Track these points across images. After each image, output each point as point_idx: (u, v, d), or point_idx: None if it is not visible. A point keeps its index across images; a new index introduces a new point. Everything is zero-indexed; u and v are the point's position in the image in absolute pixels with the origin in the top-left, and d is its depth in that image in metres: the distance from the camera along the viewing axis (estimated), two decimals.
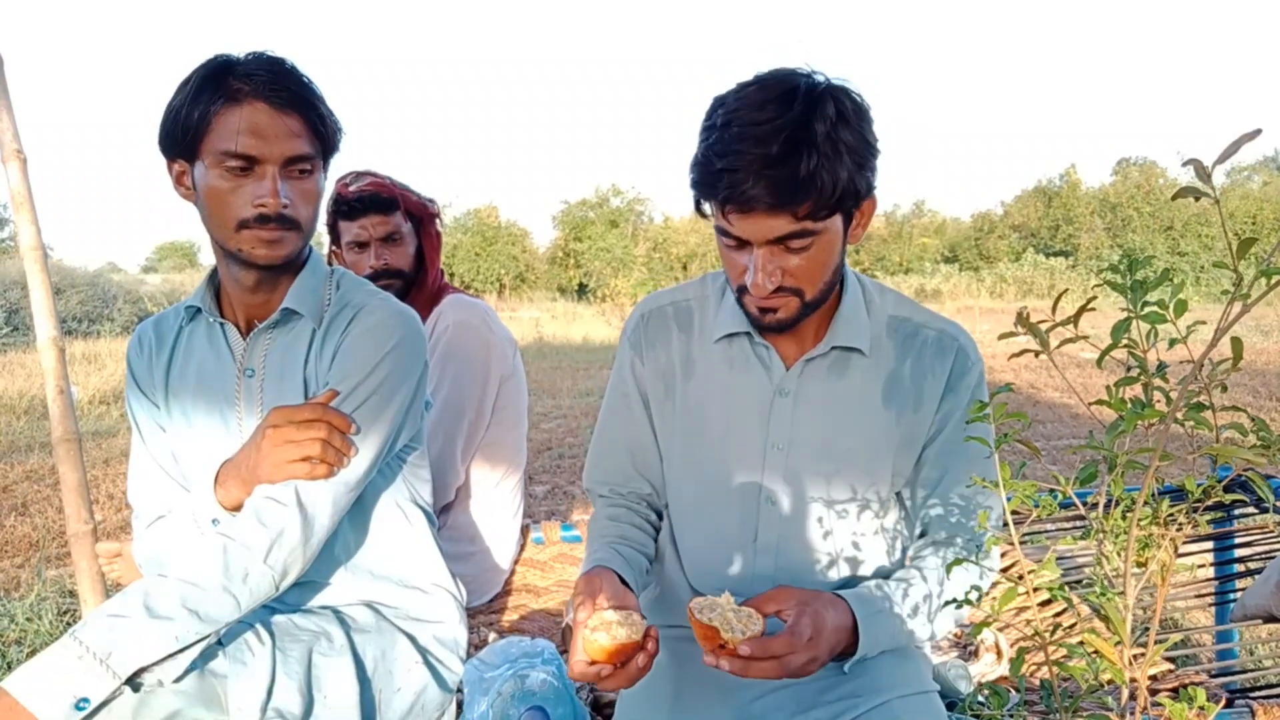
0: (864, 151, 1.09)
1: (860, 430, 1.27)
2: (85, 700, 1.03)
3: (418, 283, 2.22)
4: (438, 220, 2.29)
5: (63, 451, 2.22)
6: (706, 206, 1.15)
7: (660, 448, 1.40)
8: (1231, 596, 2.26)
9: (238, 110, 1.21)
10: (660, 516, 1.45)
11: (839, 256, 1.18)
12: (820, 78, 1.11)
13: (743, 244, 1.14)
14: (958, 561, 0.99)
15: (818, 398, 1.28)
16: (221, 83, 1.22)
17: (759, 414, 1.29)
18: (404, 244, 2.18)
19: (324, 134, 1.29)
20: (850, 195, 1.09)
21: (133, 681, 1.10)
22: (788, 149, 1.04)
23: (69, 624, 3.11)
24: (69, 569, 3.74)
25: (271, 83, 1.22)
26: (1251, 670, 2.02)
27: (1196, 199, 0.64)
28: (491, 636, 1.94)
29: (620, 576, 1.21)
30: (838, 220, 1.13)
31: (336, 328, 1.37)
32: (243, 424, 1.36)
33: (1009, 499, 0.83)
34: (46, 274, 2.22)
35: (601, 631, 1.03)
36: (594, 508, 1.45)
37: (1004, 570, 2.20)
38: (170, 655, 1.11)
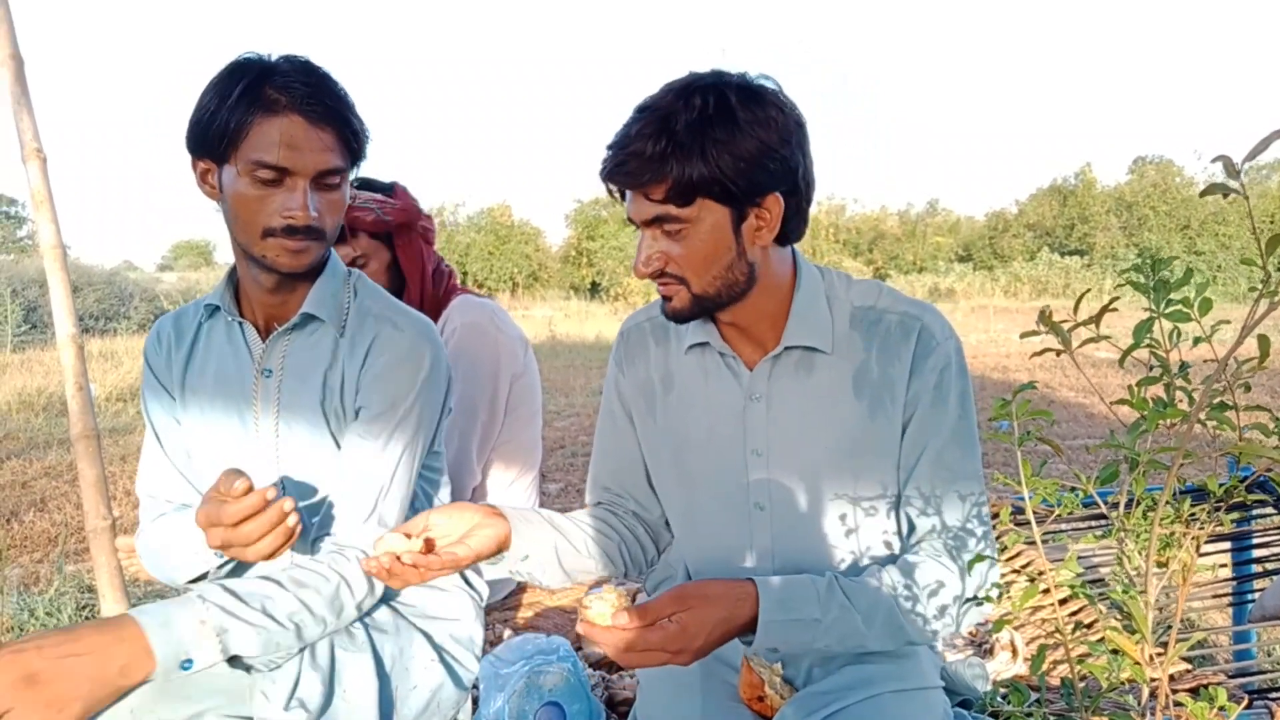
0: (748, 151, 1.10)
1: (835, 429, 1.24)
2: (190, 663, 1.11)
3: (402, 297, 2.09)
4: (421, 224, 2.19)
5: (81, 448, 2.24)
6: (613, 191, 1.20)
7: (648, 462, 1.40)
8: (1249, 597, 2.25)
9: (274, 121, 1.22)
10: (649, 532, 1.45)
11: (730, 252, 1.17)
12: (729, 76, 1.14)
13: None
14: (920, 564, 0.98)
15: (790, 400, 1.26)
16: (259, 91, 1.21)
17: (736, 421, 1.28)
18: (369, 265, 2.11)
19: (355, 147, 1.30)
20: (715, 188, 1.11)
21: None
22: (647, 131, 1.10)
23: (88, 619, 3.13)
24: (88, 564, 3.76)
25: (309, 95, 1.23)
26: (1269, 671, 2.00)
27: (1225, 195, 0.63)
28: (507, 633, 1.95)
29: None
30: (717, 213, 1.14)
31: (362, 339, 1.38)
32: (259, 423, 1.37)
33: (1029, 497, 0.82)
34: (66, 272, 2.24)
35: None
36: None
37: (1021, 569, 2.20)
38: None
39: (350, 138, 1.28)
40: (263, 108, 1.21)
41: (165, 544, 1.37)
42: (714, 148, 1.09)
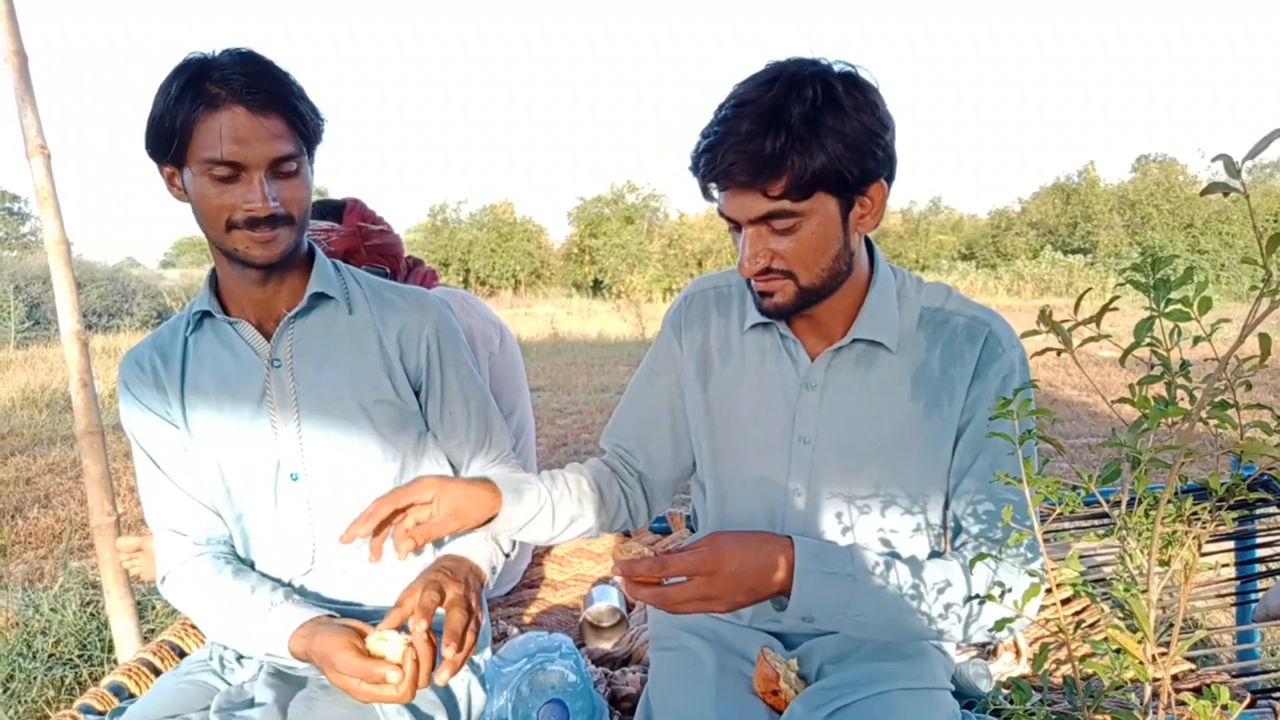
0: (859, 137, 1.08)
1: (888, 425, 1.25)
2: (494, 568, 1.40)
3: None
4: (373, 242, 2.15)
5: (86, 444, 2.25)
6: (712, 190, 1.16)
7: (691, 430, 1.41)
8: (1253, 596, 2.25)
9: (217, 116, 1.20)
10: (646, 493, 1.46)
11: (838, 243, 1.16)
12: (824, 64, 1.11)
13: (738, 226, 1.16)
14: (978, 565, 0.98)
15: (845, 392, 1.26)
16: (199, 88, 1.20)
17: (786, 407, 1.29)
18: None
19: (305, 130, 1.28)
20: (832, 179, 1.09)
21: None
22: (758, 128, 1.06)
23: (92, 615, 3.15)
24: (91, 560, 3.78)
25: (249, 85, 1.20)
26: (1273, 671, 2.00)
27: (1226, 194, 0.63)
28: (512, 631, 1.95)
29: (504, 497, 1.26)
30: (829, 204, 1.12)
31: (388, 314, 1.42)
32: (276, 415, 1.35)
33: (1031, 495, 0.82)
34: (70, 268, 2.25)
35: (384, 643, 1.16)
36: None
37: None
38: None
39: (298, 121, 1.26)
40: (205, 104, 1.20)
41: (218, 619, 1.33)
42: (830, 137, 1.07)
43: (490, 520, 1.23)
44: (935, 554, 1.25)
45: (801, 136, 1.06)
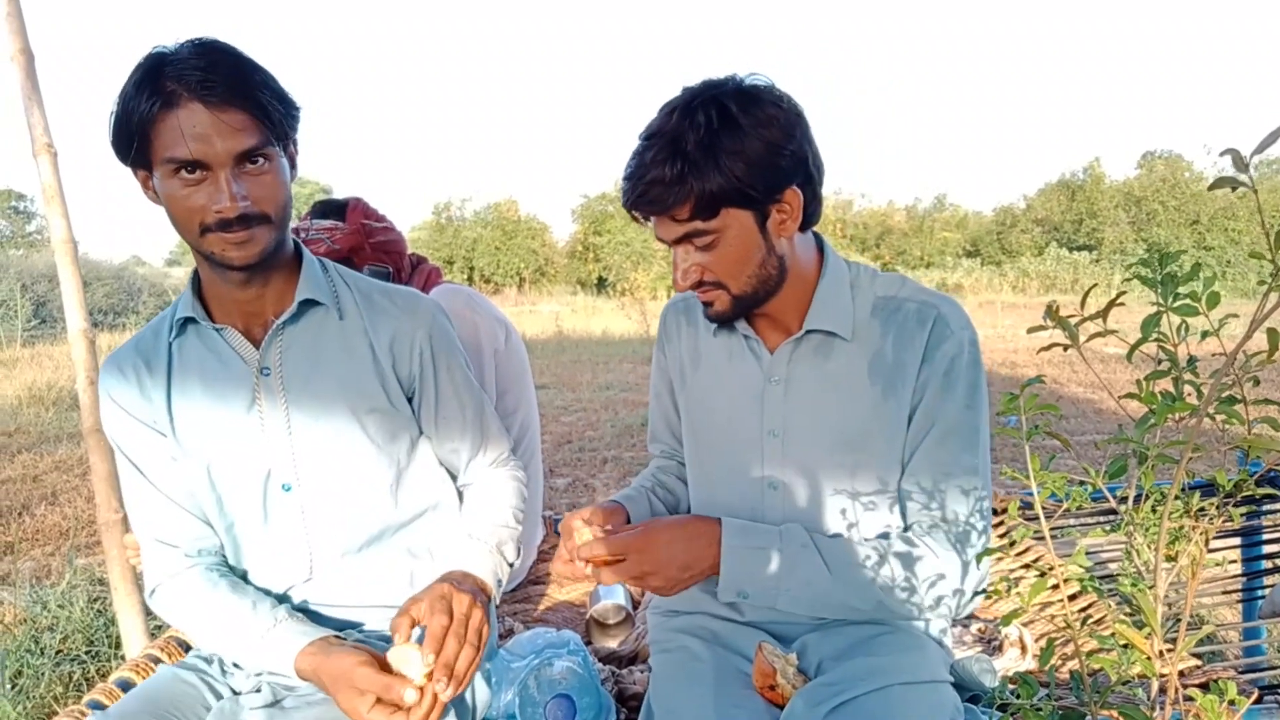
0: (759, 153, 1.14)
1: (850, 413, 1.28)
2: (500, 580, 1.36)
3: None
4: (377, 239, 2.19)
5: (93, 441, 2.26)
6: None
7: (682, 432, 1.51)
8: (1259, 593, 2.24)
9: (174, 114, 1.14)
10: None
11: (760, 251, 1.22)
12: (726, 85, 1.18)
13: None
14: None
15: (807, 383, 1.31)
16: (156, 85, 1.14)
17: (755, 402, 1.34)
18: None
19: (272, 121, 1.20)
20: (734, 196, 1.16)
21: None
22: (661, 156, 1.15)
23: (100, 611, 3.16)
24: (99, 557, 3.79)
25: (204, 80, 1.13)
26: (1279, 667, 2.00)
27: (1234, 189, 0.63)
28: (517, 627, 1.95)
29: (627, 511, 1.38)
30: (742, 218, 1.19)
31: (379, 318, 1.38)
32: (264, 424, 1.31)
33: (1038, 491, 0.82)
34: (77, 266, 2.26)
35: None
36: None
37: (1030, 564, 2.19)
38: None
39: (261, 113, 1.18)
40: (162, 101, 1.14)
41: (215, 633, 1.30)
42: (726, 159, 1.13)
43: None
44: (883, 534, 1.29)
45: (697, 162, 1.13)
